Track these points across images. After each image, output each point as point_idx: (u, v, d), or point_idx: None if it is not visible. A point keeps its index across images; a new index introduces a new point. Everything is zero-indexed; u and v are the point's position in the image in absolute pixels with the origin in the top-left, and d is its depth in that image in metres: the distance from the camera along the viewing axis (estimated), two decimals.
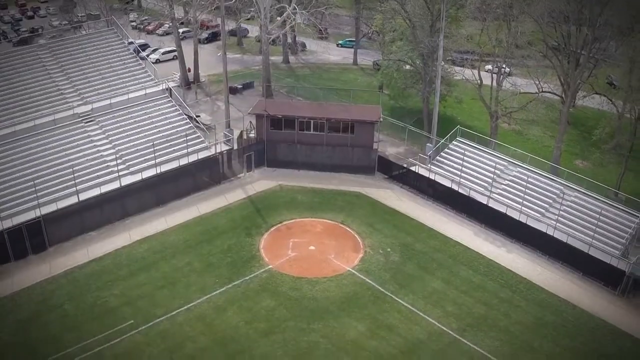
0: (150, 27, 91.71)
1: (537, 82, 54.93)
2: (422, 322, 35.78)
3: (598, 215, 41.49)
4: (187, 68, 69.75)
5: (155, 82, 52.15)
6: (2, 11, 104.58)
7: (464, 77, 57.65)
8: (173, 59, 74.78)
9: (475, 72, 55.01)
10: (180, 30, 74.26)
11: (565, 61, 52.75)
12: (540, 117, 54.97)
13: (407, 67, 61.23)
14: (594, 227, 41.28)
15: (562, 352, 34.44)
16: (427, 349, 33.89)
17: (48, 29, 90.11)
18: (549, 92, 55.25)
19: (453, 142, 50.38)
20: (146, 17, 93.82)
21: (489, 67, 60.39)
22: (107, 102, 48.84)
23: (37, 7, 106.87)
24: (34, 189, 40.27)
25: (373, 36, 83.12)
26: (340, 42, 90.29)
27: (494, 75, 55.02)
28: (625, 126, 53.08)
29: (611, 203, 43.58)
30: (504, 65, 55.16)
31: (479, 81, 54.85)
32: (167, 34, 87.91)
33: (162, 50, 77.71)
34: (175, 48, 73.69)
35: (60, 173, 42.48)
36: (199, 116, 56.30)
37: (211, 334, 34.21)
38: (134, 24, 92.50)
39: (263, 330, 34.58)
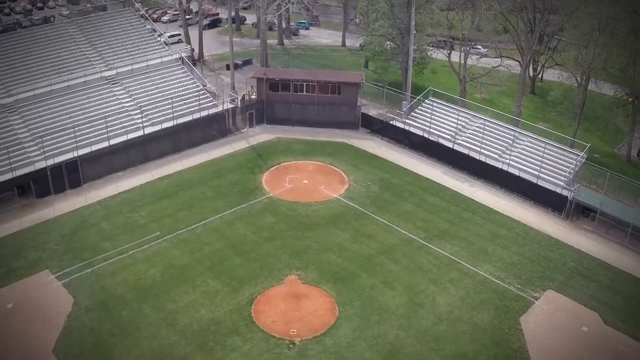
0: (155, 16, 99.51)
1: (498, 49, 63.21)
2: (396, 232, 43.78)
3: (542, 153, 49.59)
4: (191, 48, 77.73)
5: (170, 53, 60.19)
6: (13, 2, 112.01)
7: (435, 49, 66.00)
8: (178, 42, 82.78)
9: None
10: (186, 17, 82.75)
11: (521, 31, 61.08)
12: (503, 81, 63.07)
13: (388, 42, 69.36)
14: (539, 162, 49.36)
15: (512, 255, 42.33)
16: (399, 251, 41.85)
17: (59, 19, 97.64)
18: (508, 57, 63.39)
19: (426, 100, 58.46)
20: (150, 8, 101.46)
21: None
22: (129, 67, 56.89)
23: None
24: (73, 134, 48.08)
25: (360, 22, 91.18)
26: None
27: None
28: (579, 90, 61.38)
29: (556, 145, 51.55)
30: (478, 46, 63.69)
31: (448, 51, 63.09)
32: (170, 21, 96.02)
33: (167, 34, 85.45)
34: (179, 33, 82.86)
35: (94, 122, 50.26)
36: (205, 86, 64.12)
37: (224, 240, 42.13)
38: (140, 12, 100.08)
39: (266, 237, 42.56)
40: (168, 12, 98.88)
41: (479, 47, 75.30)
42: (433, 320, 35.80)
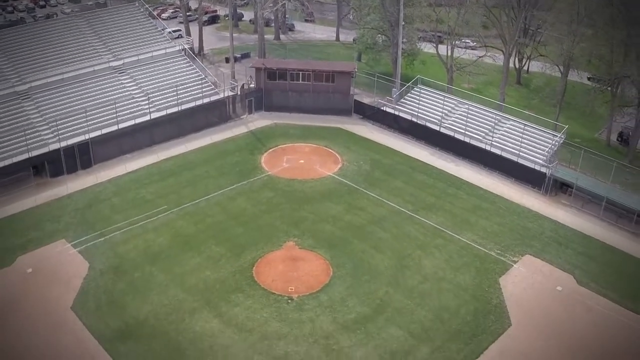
0: (155, 13, 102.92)
1: (482, 41, 66.91)
2: (386, 205, 47.21)
3: (522, 134, 53.09)
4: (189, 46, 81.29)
5: (173, 45, 63.74)
6: (16, 1, 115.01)
7: (425, 43, 69.74)
8: (178, 37, 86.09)
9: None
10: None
11: (504, 22, 64.82)
12: (489, 71, 66.63)
13: (379, 35, 73.01)
14: (520, 142, 52.85)
15: (492, 225, 45.74)
16: (388, 221, 45.28)
17: (62, 16, 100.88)
18: (492, 47, 67.06)
19: (414, 88, 61.99)
20: (150, 5, 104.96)
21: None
22: (135, 58, 60.30)
23: None
24: (84, 118, 51.43)
25: (354, 18, 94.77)
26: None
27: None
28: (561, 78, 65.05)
29: (536, 126, 54.98)
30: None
31: (436, 43, 66.75)
32: (170, 18, 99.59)
33: (168, 30, 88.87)
34: (179, 29, 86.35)
35: (104, 107, 53.69)
36: (207, 76, 67.55)
37: (226, 213, 45.52)
38: (144, 7, 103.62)
39: (265, 210, 45.98)
40: (168, 9, 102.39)
41: (467, 40, 79.12)
42: (419, 280, 39.20)
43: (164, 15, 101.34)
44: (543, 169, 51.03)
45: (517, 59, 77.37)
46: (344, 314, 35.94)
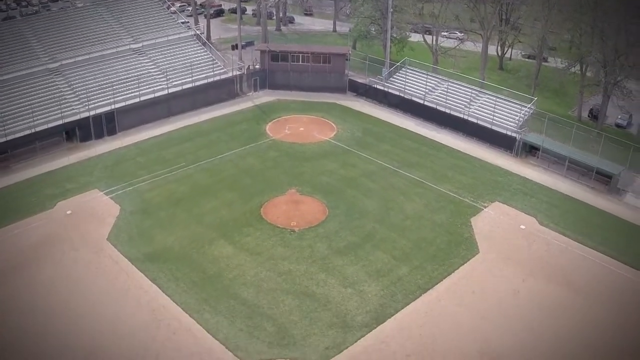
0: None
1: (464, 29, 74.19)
2: (375, 163, 54.28)
3: (494, 105, 60.21)
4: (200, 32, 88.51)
5: (186, 31, 71.15)
6: None
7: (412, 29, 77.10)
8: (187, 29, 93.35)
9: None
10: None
11: (482, 8, 72.14)
12: (472, 57, 73.65)
13: (371, 24, 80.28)
14: (493, 112, 59.91)
15: (467, 179, 52.64)
16: (377, 174, 52.37)
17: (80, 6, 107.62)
18: (473, 32, 74.28)
19: (402, 68, 69.13)
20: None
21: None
22: (153, 41, 67.54)
23: None
24: (110, 91, 58.53)
25: (350, 11, 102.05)
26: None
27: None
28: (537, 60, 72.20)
29: (508, 99, 61.99)
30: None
31: (423, 33, 74.03)
32: (179, 11, 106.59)
33: (180, 20, 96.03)
34: (187, 20, 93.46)
35: (127, 83, 60.73)
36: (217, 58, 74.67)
37: (237, 168, 52.62)
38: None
39: (271, 166, 53.12)
40: (176, 3, 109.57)
41: (456, 32, 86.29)
42: (401, 218, 46.21)
43: (172, 9, 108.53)
44: (514, 135, 57.99)
45: (498, 46, 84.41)
46: (338, 242, 42.93)
